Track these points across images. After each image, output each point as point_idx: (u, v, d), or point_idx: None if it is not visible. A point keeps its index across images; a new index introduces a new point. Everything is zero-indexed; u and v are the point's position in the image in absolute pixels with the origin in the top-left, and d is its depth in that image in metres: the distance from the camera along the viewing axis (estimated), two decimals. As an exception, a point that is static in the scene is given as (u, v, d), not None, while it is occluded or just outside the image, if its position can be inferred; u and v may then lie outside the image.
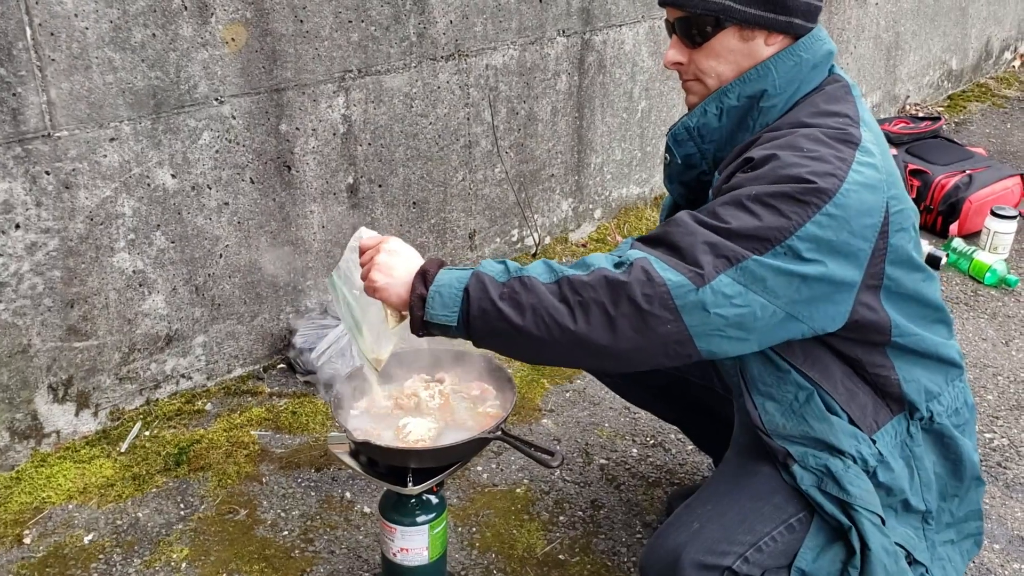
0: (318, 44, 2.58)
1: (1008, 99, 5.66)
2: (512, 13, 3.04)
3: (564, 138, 3.39)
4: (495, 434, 1.68)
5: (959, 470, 1.69)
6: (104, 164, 2.28)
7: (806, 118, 1.49)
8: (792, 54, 1.52)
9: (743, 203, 1.39)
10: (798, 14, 1.50)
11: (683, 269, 1.36)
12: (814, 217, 1.37)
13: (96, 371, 2.44)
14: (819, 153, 1.41)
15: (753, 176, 1.42)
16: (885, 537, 1.53)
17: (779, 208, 1.37)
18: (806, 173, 1.38)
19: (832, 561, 1.54)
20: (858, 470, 1.56)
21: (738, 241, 1.37)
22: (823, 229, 1.37)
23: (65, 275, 2.30)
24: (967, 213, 3.73)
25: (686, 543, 1.52)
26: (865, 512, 1.52)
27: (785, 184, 1.38)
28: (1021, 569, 2.13)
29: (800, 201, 1.37)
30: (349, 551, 2.13)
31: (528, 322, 1.37)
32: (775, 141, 1.46)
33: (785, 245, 1.37)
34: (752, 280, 1.37)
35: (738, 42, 1.51)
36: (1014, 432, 2.61)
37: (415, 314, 1.44)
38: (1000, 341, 3.08)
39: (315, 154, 2.69)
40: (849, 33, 4.56)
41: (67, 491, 2.29)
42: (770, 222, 1.37)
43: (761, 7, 1.48)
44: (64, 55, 2.14)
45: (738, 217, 1.38)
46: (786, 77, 1.51)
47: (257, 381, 2.74)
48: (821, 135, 1.44)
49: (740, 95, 1.53)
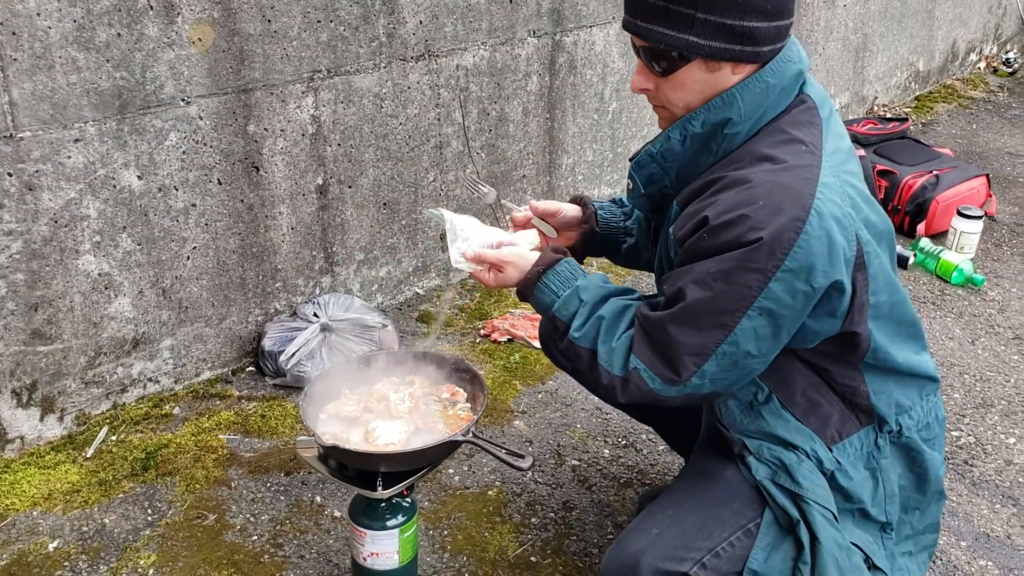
0: (286, 44, 2.56)
1: (974, 100, 5.74)
2: (482, 14, 3.03)
3: (535, 139, 3.39)
4: (466, 437, 1.67)
5: (924, 484, 1.69)
6: (68, 165, 2.25)
7: (767, 149, 1.46)
8: (759, 81, 1.47)
9: (706, 282, 1.43)
10: (765, 41, 1.45)
11: (666, 377, 1.48)
12: (775, 278, 1.39)
13: (61, 375, 2.40)
14: (775, 205, 1.39)
15: (710, 246, 1.43)
16: (837, 532, 1.54)
17: (738, 280, 1.40)
18: (762, 236, 1.38)
19: (783, 559, 1.54)
20: (811, 465, 1.58)
21: (708, 329, 1.44)
22: (786, 285, 1.40)
23: (29, 278, 2.26)
24: (934, 213, 3.78)
25: (645, 549, 1.53)
26: (816, 506, 1.53)
27: (740, 251, 1.40)
28: (987, 566, 2.15)
29: (756, 270, 1.39)
30: (319, 555, 2.11)
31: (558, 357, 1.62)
32: (732, 192, 1.44)
33: (755, 309, 1.41)
34: (735, 355, 1.45)
35: (704, 73, 1.47)
36: (980, 430, 2.64)
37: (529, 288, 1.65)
38: (966, 340, 3.11)
39: (284, 155, 2.67)
40: (818, 35, 4.59)
41: (31, 497, 2.25)
42: (732, 295, 1.41)
43: (726, 40, 1.43)
44: (26, 55, 2.11)
45: (702, 300, 1.43)
46: (752, 105, 1.48)
47: (225, 384, 2.71)
48: (777, 181, 1.42)
49: (705, 123, 1.50)
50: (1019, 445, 2.58)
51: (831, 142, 1.51)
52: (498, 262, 1.69)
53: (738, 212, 1.40)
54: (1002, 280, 3.53)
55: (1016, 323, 3.22)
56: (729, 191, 1.44)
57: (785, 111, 1.51)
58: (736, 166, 1.47)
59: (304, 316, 2.76)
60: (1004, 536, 2.25)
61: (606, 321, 1.55)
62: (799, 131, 1.48)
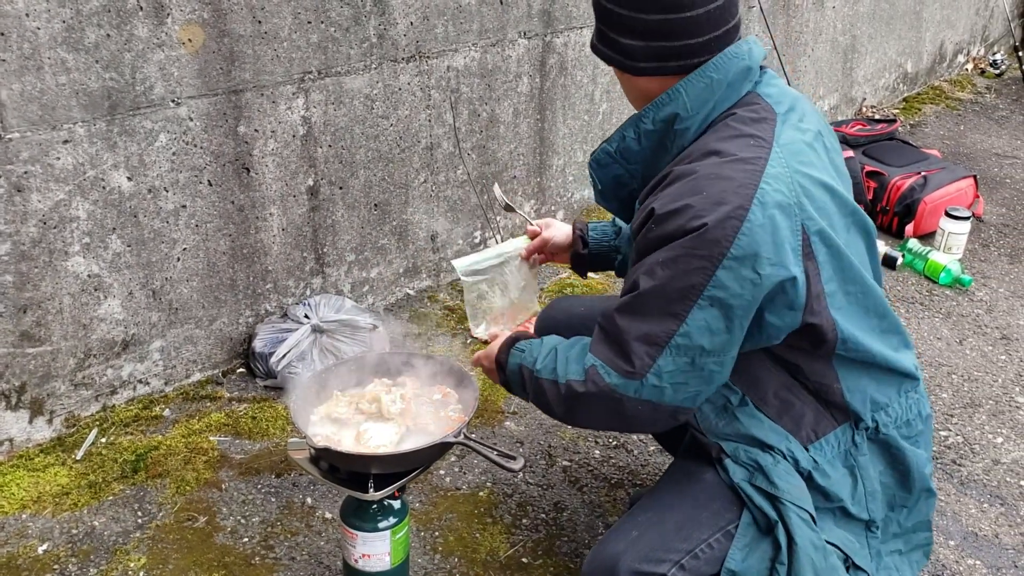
0: (277, 45, 2.56)
1: (961, 101, 5.77)
2: (473, 15, 3.03)
3: (526, 140, 3.39)
4: (457, 439, 1.68)
5: (907, 481, 1.68)
6: (57, 167, 2.24)
7: (715, 143, 1.48)
8: (702, 76, 1.50)
9: (654, 271, 1.45)
10: (701, 53, 1.49)
11: (622, 369, 1.50)
12: (721, 266, 1.40)
13: (50, 377, 2.39)
14: (718, 194, 1.41)
15: (657, 236, 1.46)
16: (813, 533, 1.53)
17: (684, 267, 1.42)
18: (706, 222, 1.40)
19: (761, 559, 1.54)
20: (788, 466, 1.58)
21: (659, 318, 1.46)
22: (733, 273, 1.41)
23: (17, 280, 2.25)
24: (922, 214, 3.80)
25: (624, 551, 1.53)
26: (793, 507, 1.53)
27: (685, 238, 1.42)
28: (975, 565, 2.17)
29: (702, 257, 1.41)
30: (310, 557, 2.11)
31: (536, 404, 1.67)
32: (677, 184, 1.47)
33: (704, 298, 1.42)
34: (689, 349, 1.46)
35: (646, 82, 1.56)
36: (968, 430, 2.66)
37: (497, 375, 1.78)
38: (954, 340, 3.13)
39: (274, 156, 2.66)
40: (807, 36, 4.61)
41: (20, 500, 2.24)
42: (680, 283, 1.43)
43: (655, 60, 1.50)
44: (15, 55, 2.10)
45: (651, 288, 1.45)
46: (697, 99, 1.50)
47: (216, 386, 2.71)
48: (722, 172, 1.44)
49: (655, 119, 1.54)
50: (1006, 445, 2.60)
51: (787, 135, 1.50)
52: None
53: (682, 202, 1.42)
54: (989, 280, 3.55)
55: (1003, 323, 3.24)
56: (675, 183, 1.47)
57: (735, 106, 1.53)
58: (686, 161, 1.50)
59: (295, 317, 2.76)
60: (992, 535, 2.26)
61: (562, 347, 1.63)
62: (748, 126, 1.50)
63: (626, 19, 1.49)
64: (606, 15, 1.53)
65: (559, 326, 2.12)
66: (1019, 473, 2.49)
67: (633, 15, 1.48)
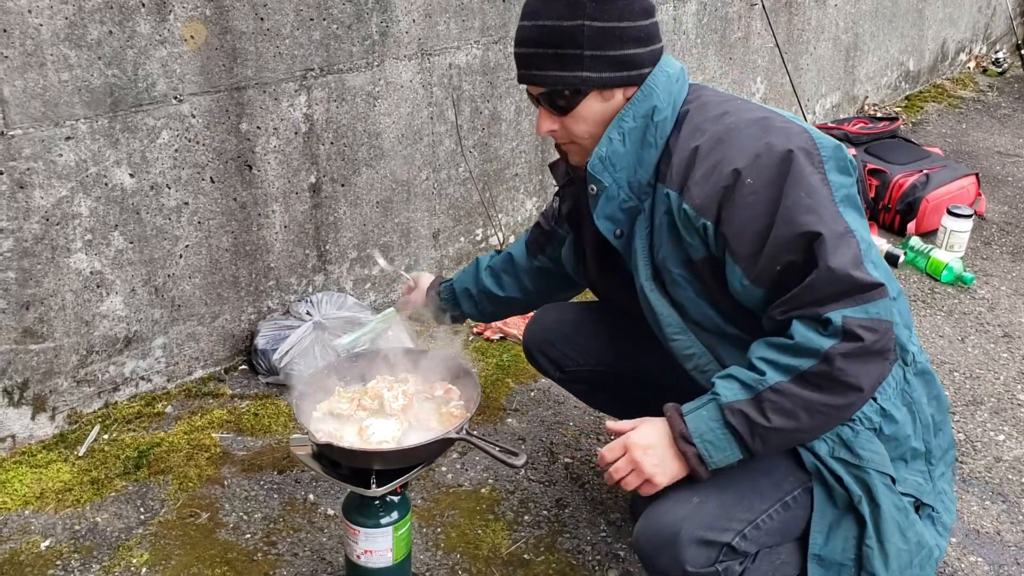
0: (279, 42, 2.56)
1: (963, 100, 5.76)
2: (475, 12, 3.03)
3: (528, 137, 3.39)
4: (459, 435, 1.68)
5: (941, 404, 1.77)
6: (60, 163, 2.24)
7: (712, 112, 1.59)
8: (660, 71, 1.62)
9: (799, 204, 1.45)
10: (645, 64, 1.60)
11: (868, 296, 1.42)
12: (826, 169, 1.50)
13: (53, 374, 2.40)
14: (774, 124, 1.53)
15: (763, 183, 1.47)
16: (894, 495, 1.58)
17: (809, 182, 1.46)
18: (792, 146, 1.48)
19: (845, 539, 1.58)
20: (868, 433, 1.60)
21: (837, 242, 1.43)
22: (834, 171, 1.51)
23: (20, 276, 2.26)
24: (924, 212, 3.80)
25: (685, 518, 1.53)
26: (876, 474, 1.57)
27: (791, 164, 1.47)
28: (977, 562, 2.17)
29: (812, 171, 1.48)
30: (312, 553, 2.11)
31: (806, 421, 1.46)
32: (729, 142, 1.53)
33: (838, 201, 1.48)
34: (868, 248, 1.48)
35: (601, 103, 1.61)
36: (970, 427, 2.66)
37: (698, 470, 1.52)
38: (956, 338, 3.13)
39: (277, 153, 2.67)
40: (809, 34, 4.61)
41: (23, 496, 2.25)
42: (822, 197, 1.47)
43: (614, 69, 1.58)
44: (17, 52, 2.10)
45: (814, 214, 1.45)
46: (665, 90, 1.61)
47: (218, 383, 2.71)
48: (753, 115, 1.56)
49: (635, 115, 1.61)
50: (1008, 442, 2.60)
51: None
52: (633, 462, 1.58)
53: (760, 143, 1.49)
54: (991, 278, 3.55)
55: (1005, 321, 3.24)
56: (725, 144, 1.53)
57: (691, 92, 1.65)
58: (699, 134, 1.57)
59: (297, 314, 2.76)
60: (994, 532, 2.26)
61: (756, 355, 1.50)
62: (720, 96, 1.64)
63: (629, 31, 1.57)
64: (604, 35, 1.56)
65: (551, 336, 2.12)
66: (1021, 471, 2.49)
67: (633, 24, 1.57)
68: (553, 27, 1.56)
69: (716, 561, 1.53)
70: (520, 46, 1.64)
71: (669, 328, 1.70)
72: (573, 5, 1.54)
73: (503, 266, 2.15)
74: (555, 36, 1.56)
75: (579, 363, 2.11)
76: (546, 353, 2.14)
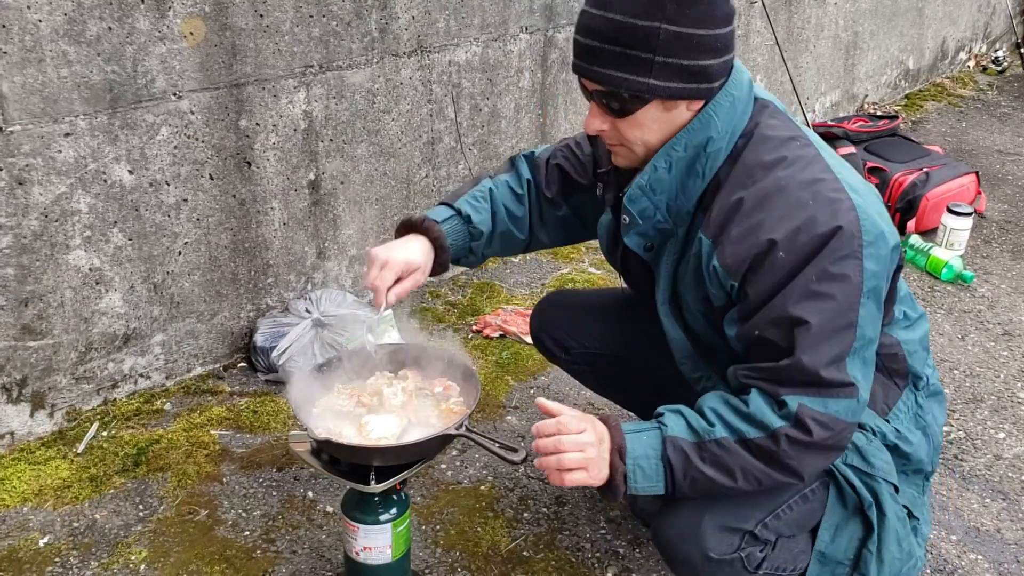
0: (278, 39, 2.56)
1: (963, 98, 5.76)
2: (475, 9, 3.03)
3: (527, 135, 3.39)
4: (459, 431, 1.67)
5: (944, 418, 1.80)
6: (59, 160, 2.24)
7: (766, 155, 1.49)
8: (726, 96, 1.50)
9: (813, 292, 1.41)
10: (717, 77, 1.48)
11: (838, 393, 1.43)
12: (864, 256, 1.42)
13: (52, 371, 2.39)
14: (824, 196, 1.44)
15: (794, 258, 1.42)
16: (897, 505, 1.62)
17: (841, 272, 1.41)
18: (839, 224, 1.41)
19: (849, 539, 1.62)
20: (879, 443, 1.63)
21: (840, 333, 1.42)
22: (873, 258, 1.43)
23: (19, 273, 2.25)
24: (924, 210, 3.79)
25: (706, 508, 1.54)
26: (885, 483, 1.60)
27: (826, 248, 1.40)
28: (977, 560, 2.17)
29: (849, 256, 1.41)
30: (311, 551, 2.11)
31: (740, 482, 1.46)
32: (773, 204, 1.45)
33: (864, 293, 1.42)
34: (862, 347, 1.45)
35: (662, 112, 1.49)
36: (970, 425, 2.65)
37: (619, 488, 1.48)
38: (956, 336, 3.13)
39: (276, 150, 2.66)
40: (808, 32, 4.61)
41: (22, 493, 2.24)
42: (846, 290, 1.41)
43: (683, 80, 1.45)
44: (17, 48, 2.10)
45: (825, 308, 1.41)
46: (726, 119, 1.50)
47: (217, 380, 2.71)
48: (804, 178, 1.46)
49: (687, 145, 1.51)
50: (1008, 440, 2.60)
51: (801, 128, 1.58)
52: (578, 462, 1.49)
53: (802, 217, 1.42)
54: (991, 276, 3.55)
55: (1005, 319, 3.24)
56: (770, 206, 1.45)
57: (752, 118, 1.54)
58: (750, 181, 1.48)
59: (296, 312, 2.76)
60: (994, 530, 2.26)
61: (709, 405, 1.49)
62: (781, 131, 1.53)
63: (706, 39, 1.42)
64: (680, 42, 1.41)
65: (558, 319, 2.12)
66: (1021, 468, 2.48)
67: (712, 32, 1.43)
68: (625, 23, 1.40)
69: (739, 548, 1.55)
70: (584, 35, 1.46)
71: (678, 352, 1.72)
72: (652, 3, 1.39)
73: (519, 210, 1.92)
74: (626, 34, 1.41)
75: (585, 346, 2.10)
76: (553, 335, 2.13)
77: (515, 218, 1.91)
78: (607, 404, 2.62)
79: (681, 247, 1.60)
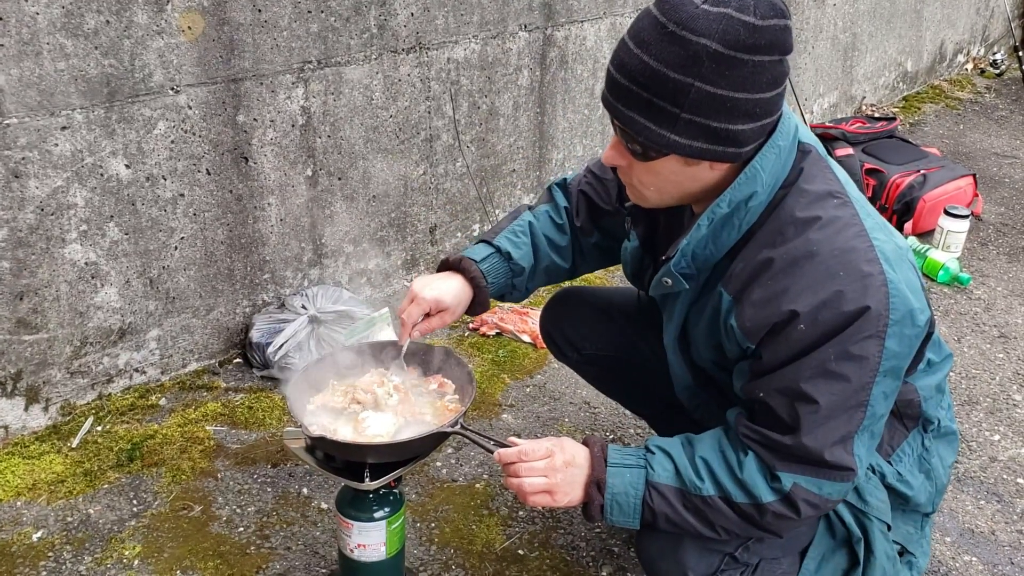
0: (277, 34, 2.55)
1: (961, 101, 5.77)
2: (474, 7, 3.02)
3: (526, 133, 3.39)
4: (454, 428, 1.67)
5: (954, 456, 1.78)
6: (55, 153, 2.23)
7: (800, 212, 1.42)
8: (772, 147, 1.41)
9: (830, 371, 1.37)
10: (749, 142, 1.37)
11: (835, 477, 1.41)
12: (888, 336, 1.36)
13: (46, 365, 2.38)
14: (856, 269, 1.36)
15: (816, 333, 1.36)
16: (888, 543, 1.60)
17: (861, 353, 1.36)
18: (868, 303, 1.35)
19: (833, 571, 1.59)
20: (877, 481, 1.61)
21: (850, 412, 1.39)
22: (897, 338, 1.38)
23: (14, 266, 2.25)
24: (921, 212, 3.80)
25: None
26: (877, 521, 1.58)
27: (851, 326, 1.35)
28: (972, 561, 2.17)
29: (871, 336, 1.36)
30: (306, 547, 2.11)
31: (718, 533, 1.48)
32: (802, 272, 1.38)
33: (880, 373, 1.38)
34: (872, 425, 1.43)
35: (681, 167, 1.41)
36: (966, 427, 2.66)
37: (594, 517, 1.50)
38: (952, 338, 3.13)
39: (273, 145, 2.65)
40: (807, 33, 4.61)
41: (15, 488, 2.23)
42: (863, 371, 1.37)
43: (708, 141, 1.35)
44: (13, 40, 2.09)
45: (837, 389, 1.37)
46: (772, 172, 1.42)
47: (212, 376, 2.70)
48: (837, 245, 1.39)
49: (732, 201, 1.42)
50: (1003, 442, 2.60)
51: (843, 174, 1.51)
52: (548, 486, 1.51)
53: (829, 290, 1.35)
54: (988, 279, 3.55)
55: (1001, 321, 3.24)
56: (798, 272, 1.38)
57: (794, 165, 1.46)
58: (780, 240, 1.42)
59: (292, 308, 2.75)
60: (988, 532, 2.26)
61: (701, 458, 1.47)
62: (819, 184, 1.45)
63: (742, 103, 1.32)
64: (712, 103, 1.32)
65: (571, 319, 2.09)
66: (1016, 470, 2.49)
67: (751, 97, 1.33)
68: (657, 72, 1.31)
69: (718, 569, 1.53)
70: (616, 69, 1.37)
71: (678, 383, 1.72)
72: (691, 58, 1.29)
73: (561, 239, 1.88)
74: (657, 82, 1.31)
75: (598, 346, 2.07)
76: (565, 334, 2.10)
77: (558, 247, 1.88)
78: (606, 404, 2.62)
79: (698, 293, 1.55)
